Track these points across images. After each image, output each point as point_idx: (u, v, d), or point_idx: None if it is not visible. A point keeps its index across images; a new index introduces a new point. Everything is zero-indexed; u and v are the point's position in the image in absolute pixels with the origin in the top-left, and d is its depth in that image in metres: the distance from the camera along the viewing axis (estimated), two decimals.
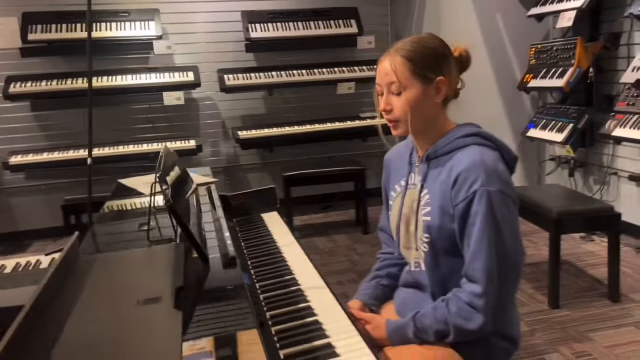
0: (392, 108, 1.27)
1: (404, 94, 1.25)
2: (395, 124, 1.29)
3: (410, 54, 1.25)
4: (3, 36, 3.95)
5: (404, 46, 1.27)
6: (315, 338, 1.05)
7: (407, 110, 1.25)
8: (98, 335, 0.77)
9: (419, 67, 1.24)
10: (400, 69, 1.24)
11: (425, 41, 1.29)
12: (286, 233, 1.74)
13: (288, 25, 4.37)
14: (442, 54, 1.29)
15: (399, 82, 1.25)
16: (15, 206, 4.17)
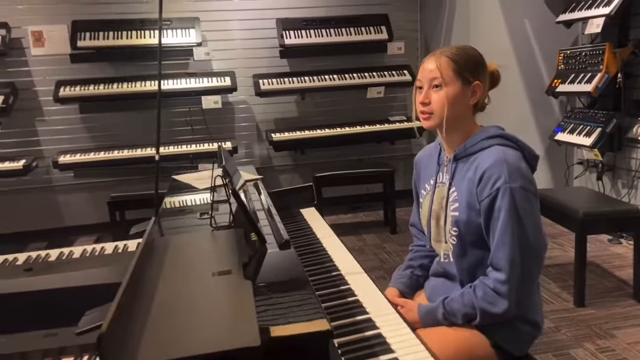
0: (430, 101, 1.41)
1: (444, 89, 1.39)
2: (429, 116, 1.42)
3: (454, 56, 1.40)
4: (54, 43, 4.21)
5: (449, 49, 1.43)
6: (357, 314, 1.19)
7: (444, 104, 1.39)
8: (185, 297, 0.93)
9: (461, 68, 1.39)
10: (444, 66, 1.39)
11: (467, 49, 1.44)
12: (324, 226, 1.89)
13: (321, 32, 4.53)
14: (481, 63, 1.43)
15: (441, 78, 1.39)
16: (63, 203, 4.43)
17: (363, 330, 1.12)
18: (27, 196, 4.31)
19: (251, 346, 0.76)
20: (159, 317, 0.87)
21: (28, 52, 4.18)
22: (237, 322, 0.84)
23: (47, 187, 4.37)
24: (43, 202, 4.37)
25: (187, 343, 0.79)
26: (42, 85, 4.22)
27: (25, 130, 4.25)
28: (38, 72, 4.22)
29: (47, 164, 4.21)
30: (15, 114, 4.10)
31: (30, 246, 4.15)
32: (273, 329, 0.84)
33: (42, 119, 4.29)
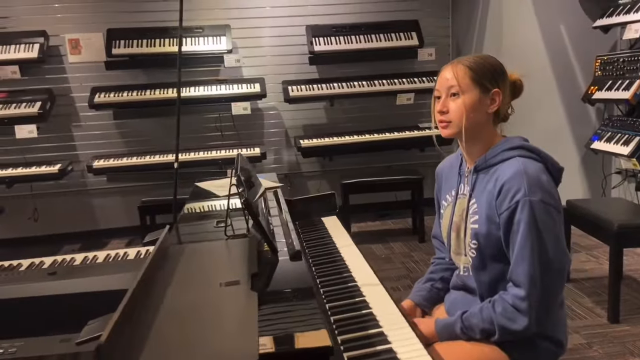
0: (448, 110, 1.38)
1: (462, 98, 1.36)
2: (447, 124, 1.39)
3: (472, 64, 1.37)
4: (90, 50, 4.34)
5: (467, 58, 1.40)
6: (370, 327, 1.17)
7: (462, 113, 1.36)
8: (190, 307, 0.93)
9: (478, 76, 1.36)
10: (461, 74, 1.36)
11: (486, 57, 1.41)
12: (344, 235, 1.87)
13: (350, 38, 4.52)
14: (500, 72, 1.40)
15: (458, 86, 1.36)
16: (97, 206, 4.55)
17: (374, 345, 1.10)
18: (63, 199, 4.45)
19: None
20: (162, 327, 0.87)
21: (65, 60, 4.32)
22: (238, 335, 0.83)
23: (82, 190, 4.50)
24: (78, 205, 4.49)
25: (185, 354, 0.78)
26: (78, 92, 4.36)
27: (61, 135, 4.39)
28: (74, 79, 4.36)
29: (82, 168, 4.34)
30: (52, 120, 4.24)
31: (65, 248, 4.28)
32: (274, 342, 0.82)
33: (78, 124, 4.43)
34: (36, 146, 4.29)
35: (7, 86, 4.17)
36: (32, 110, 4.03)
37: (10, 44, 4.04)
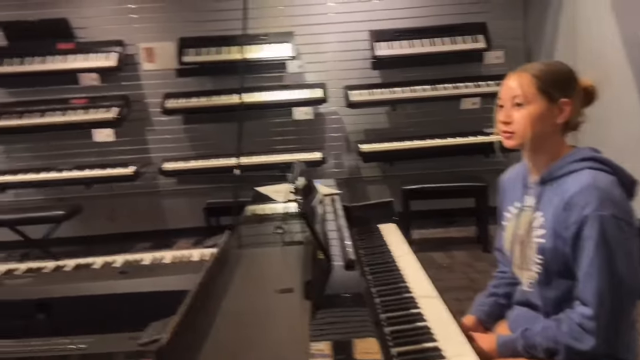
0: (512, 120, 1.33)
1: (526, 108, 1.31)
2: (510, 135, 1.34)
3: (538, 72, 1.32)
4: (163, 58, 4.55)
5: (533, 66, 1.35)
6: (425, 341, 1.15)
7: (526, 124, 1.30)
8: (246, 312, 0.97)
9: (545, 85, 1.30)
10: (526, 84, 1.31)
11: (554, 64, 1.36)
12: (401, 243, 1.85)
13: (413, 42, 4.47)
14: (570, 79, 1.33)
15: (523, 96, 1.31)
16: (166, 207, 4.77)
17: (428, 359, 1.08)
18: (136, 200, 4.69)
19: None
20: (219, 331, 0.91)
21: (140, 67, 4.56)
22: (289, 342, 0.85)
23: (154, 191, 4.72)
24: (150, 206, 4.72)
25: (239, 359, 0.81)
26: (151, 98, 4.58)
27: (136, 139, 4.63)
28: (148, 86, 4.59)
29: (154, 170, 4.55)
30: (128, 124, 4.48)
31: (137, 246, 4.51)
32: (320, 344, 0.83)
33: (151, 128, 4.66)
34: (113, 149, 4.55)
35: (88, 92, 4.45)
36: (110, 115, 4.28)
37: (91, 53, 4.31)
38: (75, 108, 4.33)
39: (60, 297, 1.51)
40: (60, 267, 1.97)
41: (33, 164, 4.51)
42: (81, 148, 4.55)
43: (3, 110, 4.30)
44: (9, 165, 4.50)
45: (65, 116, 4.27)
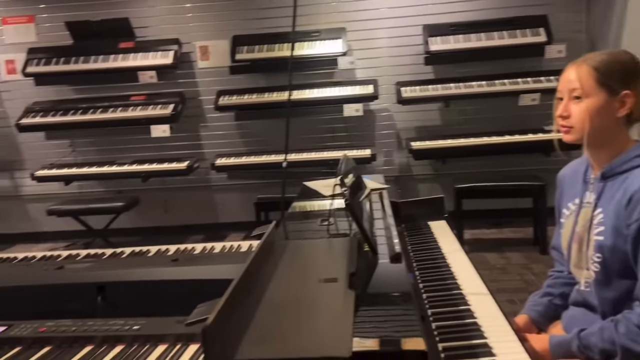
0: (570, 114, 1.28)
1: (585, 102, 1.25)
2: (568, 130, 1.29)
3: (597, 64, 1.25)
4: (217, 56, 4.66)
5: (593, 57, 1.28)
6: (473, 337, 1.12)
7: (585, 118, 1.24)
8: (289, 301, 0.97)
9: (604, 77, 1.24)
10: (585, 76, 1.25)
11: (616, 55, 1.28)
12: (452, 241, 1.81)
13: (469, 36, 4.36)
14: (633, 69, 1.26)
15: (581, 89, 1.25)
16: (218, 201, 4.88)
17: (477, 356, 1.05)
18: (190, 194, 4.83)
19: (341, 356, 0.76)
20: (262, 317, 0.91)
21: (195, 65, 4.68)
22: (332, 331, 0.84)
23: (206, 186, 4.85)
24: (202, 200, 4.85)
25: (280, 345, 0.81)
26: (205, 95, 4.70)
27: (190, 135, 4.77)
28: (203, 83, 4.71)
29: (207, 166, 4.67)
30: (183, 120, 4.61)
31: (190, 238, 4.65)
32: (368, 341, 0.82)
33: (204, 124, 4.78)
34: (168, 144, 4.70)
35: (146, 89, 4.62)
36: (166, 111, 4.42)
37: (149, 51, 4.47)
38: (135, 105, 4.51)
39: (116, 282, 1.58)
40: (117, 253, 2.05)
41: (95, 157, 4.73)
42: (139, 143, 4.73)
43: (69, 106, 4.53)
44: (74, 158, 4.74)
45: (125, 112, 4.46)
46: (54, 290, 1.58)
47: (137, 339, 1.33)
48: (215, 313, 0.82)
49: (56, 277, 1.68)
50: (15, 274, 1.74)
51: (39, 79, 4.55)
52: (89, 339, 1.34)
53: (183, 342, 1.30)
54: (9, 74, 4.69)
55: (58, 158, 4.69)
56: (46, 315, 1.47)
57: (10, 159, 4.82)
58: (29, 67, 4.45)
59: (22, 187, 4.88)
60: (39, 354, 1.31)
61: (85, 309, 1.52)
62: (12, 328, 1.40)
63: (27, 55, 4.50)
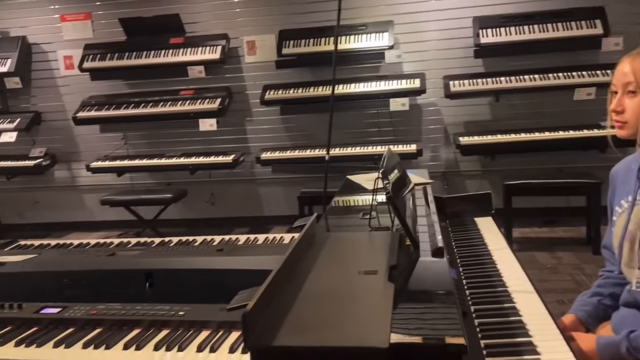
0: (624, 109, 1.23)
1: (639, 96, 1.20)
2: (622, 125, 1.24)
3: None
4: (264, 51, 4.71)
5: None
6: (517, 335, 1.08)
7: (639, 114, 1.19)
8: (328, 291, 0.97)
9: None
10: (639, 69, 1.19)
11: None
12: (498, 238, 1.76)
13: (522, 29, 4.22)
14: None
15: (636, 83, 1.20)
16: (262, 195, 4.95)
17: (521, 354, 1.02)
18: (235, 187, 4.92)
19: (378, 347, 0.75)
20: (302, 306, 0.92)
21: (242, 60, 4.75)
22: (371, 321, 0.84)
23: (251, 179, 4.92)
24: (247, 193, 4.93)
25: (318, 333, 0.82)
26: (251, 89, 4.76)
27: (236, 129, 4.84)
28: (249, 77, 4.77)
29: (252, 159, 4.73)
30: (229, 114, 4.70)
31: (236, 230, 4.73)
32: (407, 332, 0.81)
33: (250, 119, 4.84)
34: (215, 138, 4.80)
35: (194, 84, 4.73)
36: (213, 105, 4.51)
37: (198, 47, 4.57)
38: (183, 99, 4.62)
39: (163, 269, 1.63)
40: (165, 242, 2.12)
41: (146, 150, 4.89)
42: (187, 136, 4.85)
43: (122, 100, 4.70)
44: (126, 151, 4.91)
45: (175, 106, 4.58)
46: (106, 276, 1.66)
47: (182, 324, 1.37)
48: (255, 300, 0.84)
49: (108, 263, 1.75)
50: (70, 259, 1.83)
51: (95, 74, 4.74)
52: (137, 322, 1.40)
53: (225, 329, 1.33)
54: (67, 69, 4.92)
55: (111, 150, 4.88)
56: (98, 298, 1.54)
57: (67, 150, 5.06)
58: (85, 63, 4.65)
59: (78, 177, 5.11)
60: (91, 335, 1.37)
61: (134, 294, 1.59)
62: (66, 310, 1.47)
63: (84, 51, 4.70)
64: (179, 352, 1.24)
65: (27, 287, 1.64)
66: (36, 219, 5.18)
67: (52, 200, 5.16)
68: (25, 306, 1.51)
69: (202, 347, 1.25)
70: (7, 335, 1.39)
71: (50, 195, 5.16)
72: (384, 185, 1.28)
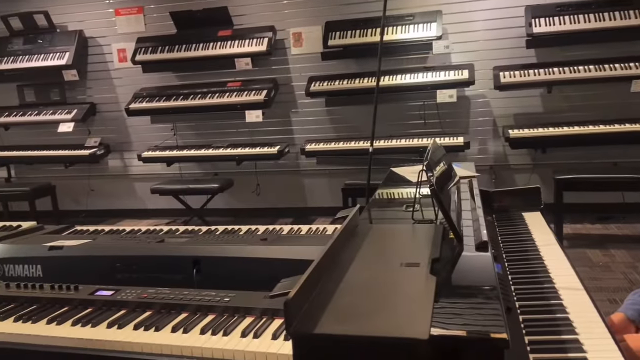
0: None
1: None
2: None
3: None
4: (310, 42, 4.72)
5: None
6: (563, 333, 1.06)
7: None
8: (369, 282, 0.98)
9: None
10: None
11: None
12: (547, 234, 1.71)
13: (577, 17, 4.05)
14: None
15: None
16: (306, 186, 4.98)
17: (566, 351, 0.99)
18: (280, 178, 4.98)
19: (418, 338, 0.75)
20: (343, 295, 0.93)
21: (288, 52, 4.78)
22: (412, 313, 0.84)
23: (296, 170, 4.96)
24: (291, 184, 4.98)
25: (359, 323, 0.82)
26: (297, 81, 4.79)
27: (281, 120, 4.89)
28: (295, 69, 4.80)
29: (296, 151, 4.77)
30: (275, 106, 4.75)
31: (280, 220, 4.80)
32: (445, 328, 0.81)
33: (295, 110, 4.88)
34: (261, 129, 4.87)
35: (241, 76, 4.81)
36: (259, 97, 4.57)
37: (245, 39, 4.63)
38: (230, 91, 4.71)
39: (210, 256, 1.68)
40: (212, 231, 2.18)
41: (194, 141, 5.01)
42: (234, 128, 4.94)
43: (172, 92, 4.84)
44: (175, 141, 5.06)
45: (222, 98, 4.67)
46: (155, 261, 1.72)
47: (227, 310, 1.41)
48: (297, 288, 0.85)
49: (157, 249, 1.82)
50: (123, 245, 1.90)
51: (146, 66, 4.89)
52: (184, 306, 1.45)
53: (269, 316, 1.37)
54: (121, 62, 5.10)
55: (161, 141, 5.04)
56: (147, 282, 1.61)
57: (120, 140, 5.25)
58: (137, 56, 4.80)
59: (130, 167, 5.31)
60: (141, 317, 1.43)
61: (181, 280, 1.64)
62: (118, 292, 1.54)
63: (136, 44, 4.86)
64: (224, 336, 1.28)
65: (82, 270, 1.72)
66: (91, 206, 5.42)
67: (105, 188, 5.39)
68: (81, 288, 1.59)
69: (246, 332, 1.28)
70: (65, 315, 1.48)
71: (104, 183, 5.39)
72: (428, 178, 1.27)
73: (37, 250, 1.82)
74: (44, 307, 1.54)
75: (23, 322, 1.45)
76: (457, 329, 0.80)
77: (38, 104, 5.22)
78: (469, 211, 1.41)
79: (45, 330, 1.40)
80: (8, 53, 5.08)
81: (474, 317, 0.83)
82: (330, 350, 0.81)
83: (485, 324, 0.81)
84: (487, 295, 0.91)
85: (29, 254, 1.81)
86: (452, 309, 0.86)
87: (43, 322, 1.44)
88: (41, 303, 1.56)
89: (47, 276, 1.74)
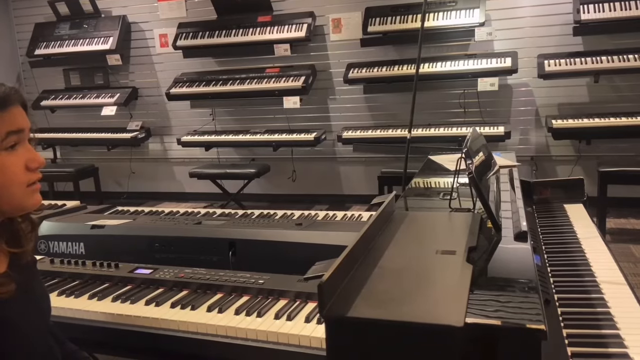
0: None
1: None
2: None
3: None
4: (349, 28, 4.68)
5: None
6: (603, 327, 1.03)
7: None
8: (404, 268, 0.97)
9: None
10: None
11: None
12: (589, 226, 1.66)
13: (628, 4, 3.87)
14: None
15: None
16: (342, 173, 4.97)
17: (605, 346, 0.96)
18: (316, 164, 4.98)
19: (453, 326, 0.74)
20: (377, 281, 0.93)
21: (327, 38, 4.75)
22: (447, 300, 0.83)
23: (332, 157, 4.96)
24: (327, 171, 4.98)
25: (393, 308, 0.82)
26: (335, 68, 4.76)
27: (319, 107, 4.89)
28: (333, 56, 4.77)
29: (333, 138, 4.76)
30: (313, 92, 4.74)
31: (315, 207, 4.82)
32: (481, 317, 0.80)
33: (333, 97, 4.86)
34: (298, 116, 4.88)
35: (280, 62, 4.81)
36: (297, 84, 4.57)
37: (285, 25, 4.63)
38: (269, 77, 4.72)
39: (245, 239, 1.70)
40: (248, 214, 2.21)
41: (232, 126, 5.07)
42: (272, 114, 4.97)
43: (211, 77, 4.89)
44: (213, 126, 5.13)
45: (260, 84, 4.69)
46: (193, 242, 1.76)
47: (261, 291, 1.43)
48: (331, 271, 0.85)
49: (195, 231, 1.86)
50: (161, 225, 1.95)
51: (187, 52, 4.96)
52: (220, 287, 1.48)
53: (302, 299, 1.38)
54: (162, 47, 5.18)
55: (200, 125, 5.12)
56: (185, 263, 1.65)
57: (161, 125, 5.37)
58: (178, 41, 4.87)
59: (170, 150, 5.42)
60: (178, 295, 1.47)
61: (217, 261, 1.68)
62: (156, 271, 1.59)
63: (177, 29, 4.92)
64: (257, 317, 1.30)
65: (122, 248, 1.78)
66: (132, 188, 5.58)
67: (146, 171, 5.52)
68: (122, 266, 1.64)
69: (280, 314, 1.30)
70: (106, 291, 1.53)
71: (144, 166, 5.53)
72: (467, 166, 1.25)
73: (80, 228, 1.89)
74: (86, 282, 1.61)
75: (66, 297, 1.51)
76: (493, 318, 0.78)
77: (83, 87, 5.38)
78: (509, 202, 1.37)
79: (86, 305, 1.45)
80: (55, 38, 5.24)
81: (511, 307, 0.82)
82: (363, 334, 0.81)
83: (522, 314, 0.79)
84: (525, 286, 0.89)
85: (72, 232, 1.88)
86: (488, 298, 0.85)
87: (85, 297, 1.50)
88: (83, 279, 1.62)
89: (89, 253, 1.81)
